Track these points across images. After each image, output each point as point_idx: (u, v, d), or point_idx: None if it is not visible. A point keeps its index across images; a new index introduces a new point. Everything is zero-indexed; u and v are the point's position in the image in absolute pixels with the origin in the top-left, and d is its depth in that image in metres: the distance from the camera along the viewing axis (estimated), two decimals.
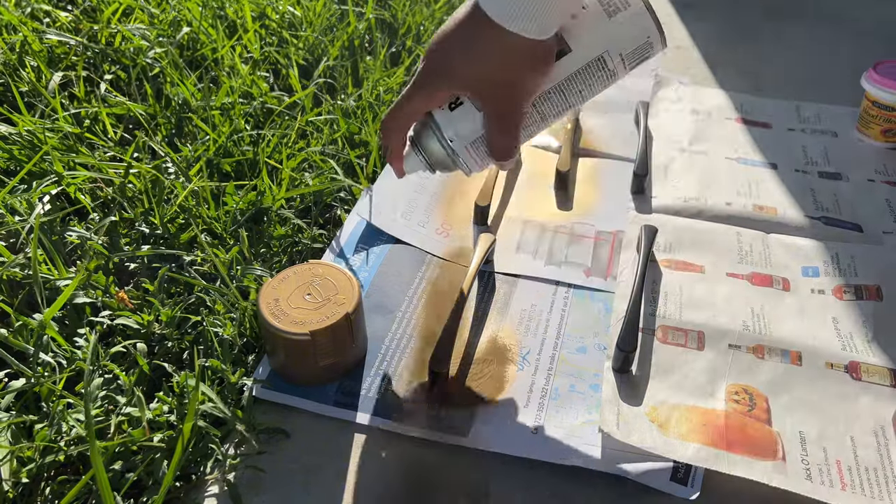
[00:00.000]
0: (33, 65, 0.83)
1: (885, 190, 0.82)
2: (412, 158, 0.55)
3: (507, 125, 0.51)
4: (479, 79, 0.49)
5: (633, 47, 0.52)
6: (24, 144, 0.72)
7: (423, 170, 0.56)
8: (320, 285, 0.59)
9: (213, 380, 0.57)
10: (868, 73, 0.89)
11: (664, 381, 0.59)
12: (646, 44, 0.52)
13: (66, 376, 0.53)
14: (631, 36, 0.51)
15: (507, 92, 0.50)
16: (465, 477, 0.53)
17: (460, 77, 0.50)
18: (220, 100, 0.82)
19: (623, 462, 0.53)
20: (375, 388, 0.59)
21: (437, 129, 0.53)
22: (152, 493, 0.49)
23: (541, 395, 0.59)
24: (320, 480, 0.53)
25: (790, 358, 0.61)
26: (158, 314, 0.59)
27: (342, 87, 0.93)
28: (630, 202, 0.80)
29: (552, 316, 0.66)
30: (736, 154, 0.88)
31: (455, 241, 0.74)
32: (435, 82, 0.51)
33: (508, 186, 0.83)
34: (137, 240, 0.67)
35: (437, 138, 0.53)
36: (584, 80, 0.52)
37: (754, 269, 0.70)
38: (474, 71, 0.49)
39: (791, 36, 1.18)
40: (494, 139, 0.52)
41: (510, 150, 0.53)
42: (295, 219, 0.72)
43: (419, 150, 0.54)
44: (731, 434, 0.54)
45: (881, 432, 0.55)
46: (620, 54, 0.52)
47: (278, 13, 1.02)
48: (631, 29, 0.51)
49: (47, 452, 0.49)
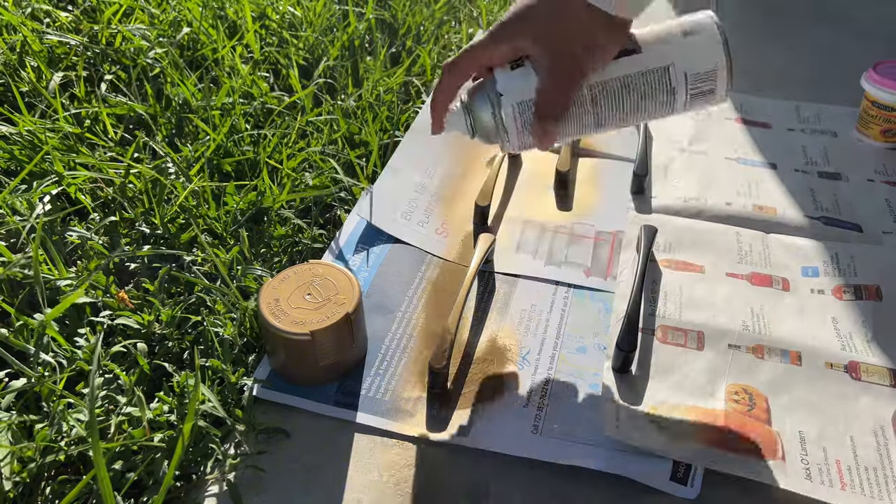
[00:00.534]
0: (33, 65, 0.83)
1: (884, 190, 0.82)
2: (456, 115, 0.56)
3: (562, 86, 0.53)
4: (550, 36, 0.52)
5: (699, 70, 0.53)
6: (24, 144, 0.72)
7: (463, 131, 0.56)
8: (320, 285, 0.59)
9: (213, 380, 0.57)
10: (868, 73, 0.89)
11: (664, 380, 0.59)
12: (712, 71, 0.53)
13: (66, 376, 0.53)
14: (699, 58, 0.53)
15: (571, 54, 0.52)
16: (465, 477, 0.53)
17: (533, 32, 0.52)
18: (220, 100, 0.82)
19: (623, 462, 0.53)
20: (375, 388, 0.59)
21: (491, 85, 0.54)
22: (152, 493, 0.49)
23: (541, 395, 0.59)
24: (320, 480, 0.53)
25: (790, 358, 0.61)
26: (159, 314, 0.59)
27: (342, 88, 0.93)
28: (630, 202, 0.80)
29: (552, 316, 0.66)
30: (736, 154, 0.89)
31: (455, 241, 0.74)
32: (508, 34, 0.53)
33: (508, 186, 0.83)
34: (138, 240, 0.67)
35: (488, 92, 0.54)
36: (644, 86, 0.53)
37: (754, 270, 0.70)
38: (548, 29, 0.52)
39: (791, 36, 1.18)
40: (545, 97, 0.53)
41: (558, 109, 0.53)
42: (295, 219, 0.72)
43: (466, 109, 0.55)
44: (731, 434, 0.54)
45: (881, 432, 0.55)
46: (685, 73, 0.53)
47: (278, 13, 1.03)
48: (701, 52, 0.53)
49: (48, 452, 0.49)
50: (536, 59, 0.53)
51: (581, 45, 0.51)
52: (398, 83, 0.93)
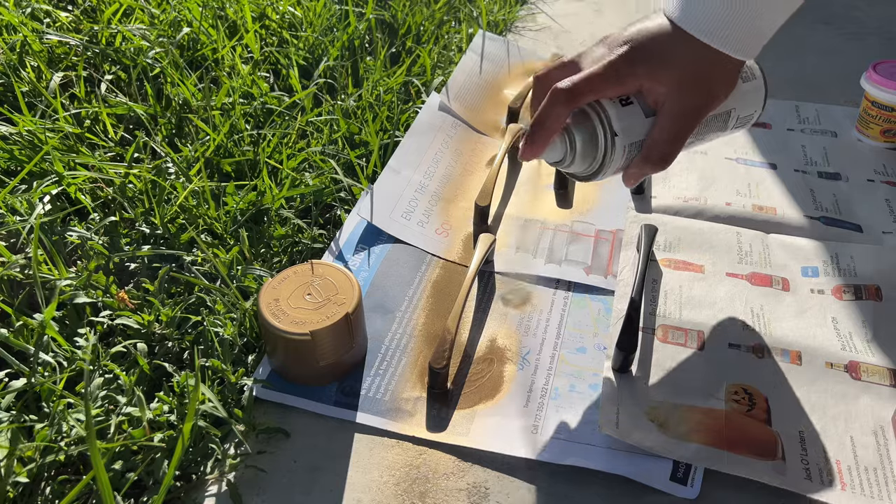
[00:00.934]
0: (34, 65, 0.83)
1: (884, 190, 0.82)
2: (555, 144, 0.53)
3: (680, 132, 0.52)
4: (675, 78, 0.51)
5: (747, 114, 0.59)
6: (24, 144, 0.72)
7: (558, 159, 0.53)
8: (320, 285, 0.59)
9: (213, 380, 0.57)
10: (868, 73, 0.89)
11: (664, 380, 0.59)
12: (753, 114, 0.59)
13: (66, 376, 0.53)
14: (751, 103, 0.58)
15: (696, 107, 0.52)
16: (465, 477, 0.53)
17: (657, 75, 0.51)
18: (220, 100, 0.82)
19: (623, 462, 0.53)
20: (375, 388, 0.59)
21: (605, 118, 0.51)
22: (152, 493, 0.49)
23: (541, 395, 0.59)
24: (320, 480, 0.53)
25: (790, 357, 0.61)
26: (159, 314, 0.59)
27: (342, 88, 0.93)
28: (630, 202, 0.80)
29: (552, 316, 0.66)
30: (736, 154, 0.89)
31: (455, 241, 0.74)
32: (635, 72, 0.51)
33: (508, 186, 0.83)
34: (138, 240, 0.67)
35: (602, 127, 0.51)
36: (711, 125, 0.57)
37: (754, 270, 0.70)
38: (681, 77, 0.51)
39: (791, 36, 1.18)
40: (661, 145, 0.52)
41: (669, 158, 0.53)
42: (295, 219, 0.72)
43: (570, 136, 0.52)
44: (731, 434, 0.54)
45: (881, 432, 0.55)
46: (739, 115, 0.58)
47: (278, 13, 1.03)
48: (753, 98, 0.58)
49: (47, 452, 0.49)
50: (658, 104, 0.51)
51: (705, 94, 0.52)
52: (398, 83, 0.93)
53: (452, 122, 0.90)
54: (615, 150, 0.52)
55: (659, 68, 0.50)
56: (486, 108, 0.96)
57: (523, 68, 1.06)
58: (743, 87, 0.56)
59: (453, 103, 0.93)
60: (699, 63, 0.51)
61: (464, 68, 1.00)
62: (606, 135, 0.51)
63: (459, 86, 0.97)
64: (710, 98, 0.52)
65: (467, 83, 0.98)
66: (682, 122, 0.52)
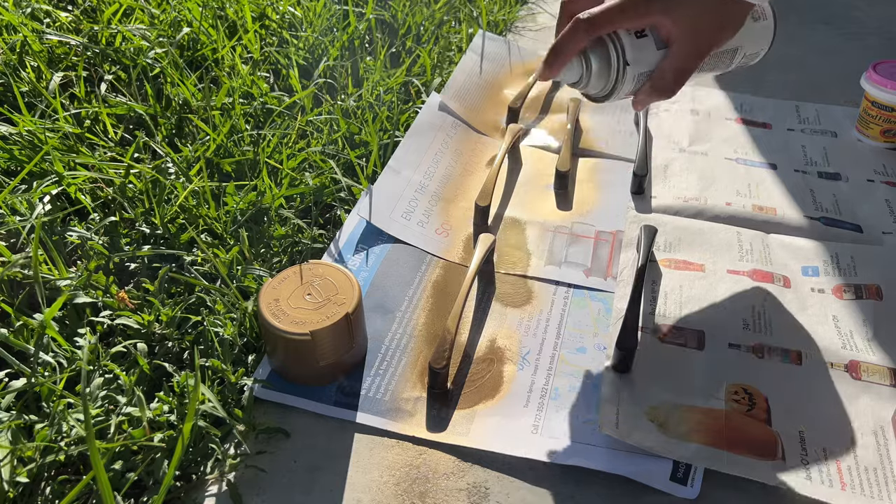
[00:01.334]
0: (33, 65, 0.83)
1: (884, 190, 0.82)
2: (572, 66, 0.57)
3: (686, 67, 0.57)
4: (690, 21, 0.55)
5: (753, 51, 0.62)
6: (24, 144, 0.72)
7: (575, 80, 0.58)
8: (320, 285, 0.59)
9: (213, 380, 0.57)
10: (867, 73, 0.89)
11: (664, 380, 0.59)
12: (759, 52, 0.63)
13: (66, 376, 0.53)
14: (758, 42, 0.62)
15: (706, 42, 0.57)
16: (465, 477, 0.53)
17: (675, 14, 0.55)
18: (220, 100, 0.82)
19: (623, 462, 0.53)
20: (375, 388, 0.59)
21: (619, 48, 0.56)
22: (152, 493, 0.49)
23: (541, 395, 0.59)
24: (320, 480, 0.53)
25: (790, 357, 0.61)
26: (159, 314, 0.59)
27: (342, 88, 0.93)
28: (630, 202, 0.80)
29: (552, 316, 0.66)
30: (736, 154, 0.88)
31: (455, 241, 0.74)
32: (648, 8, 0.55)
33: (508, 186, 0.83)
34: (138, 240, 0.67)
35: (616, 55, 0.56)
36: (717, 60, 0.60)
37: (755, 266, 0.70)
38: (690, 14, 0.55)
39: (791, 36, 1.18)
40: (668, 77, 0.57)
41: (675, 89, 0.57)
42: (295, 219, 0.72)
43: (587, 60, 0.57)
44: (731, 434, 0.54)
45: (881, 432, 0.55)
46: (745, 53, 0.62)
47: (278, 13, 1.03)
48: (761, 37, 0.61)
49: (47, 452, 0.49)
50: (671, 39, 0.56)
51: (714, 32, 0.56)
52: (398, 83, 0.93)
53: (452, 122, 0.90)
54: (626, 77, 0.57)
55: (673, 6, 0.55)
56: (486, 108, 0.96)
57: (523, 68, 1.06)
58: (753, 25, 0.60)
59: (453, 103, 0.93)
60: (711, 3, 0.55)
61: (464, 68, 1.00)
62: (619, 63, 0.56)
63: (459, 86, 0.97)
64: (719, 37, 0.57)
65: (467, 83, 0.98)
66: (690, 58, 0.57)
